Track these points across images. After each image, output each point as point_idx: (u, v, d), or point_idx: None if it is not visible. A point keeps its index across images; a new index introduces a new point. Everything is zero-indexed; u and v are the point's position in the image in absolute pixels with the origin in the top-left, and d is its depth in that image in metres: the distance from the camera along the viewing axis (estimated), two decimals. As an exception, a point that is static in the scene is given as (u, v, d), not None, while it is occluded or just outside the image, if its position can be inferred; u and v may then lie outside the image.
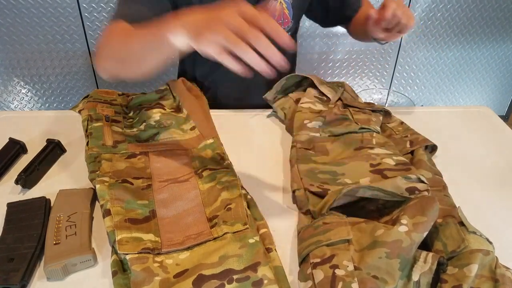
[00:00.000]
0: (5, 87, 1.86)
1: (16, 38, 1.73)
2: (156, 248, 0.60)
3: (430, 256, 0.55)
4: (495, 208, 0.73)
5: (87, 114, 0.87)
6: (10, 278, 0.56)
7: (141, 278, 0.55)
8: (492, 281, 0.53)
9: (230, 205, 0.67)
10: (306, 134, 0.83)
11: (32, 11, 1.67)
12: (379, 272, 0.54)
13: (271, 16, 0.88)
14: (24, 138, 0.84)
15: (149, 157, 0.79)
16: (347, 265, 0.56)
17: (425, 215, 0.58)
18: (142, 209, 0.67)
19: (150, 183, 0.73)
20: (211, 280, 0.55)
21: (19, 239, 0.62)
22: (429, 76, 2.12)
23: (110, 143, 0.80)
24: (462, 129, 0.96)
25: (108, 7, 1.69)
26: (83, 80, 1.89)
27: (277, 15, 0.92)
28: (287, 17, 0.94)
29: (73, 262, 0.58)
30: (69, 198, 0.69)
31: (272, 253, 0.61)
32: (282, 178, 0.79)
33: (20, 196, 0.72)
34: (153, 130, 0.86)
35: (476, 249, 0.55)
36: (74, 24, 1.72)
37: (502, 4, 1.91)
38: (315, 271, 0.56)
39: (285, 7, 0.92)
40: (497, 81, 2.19)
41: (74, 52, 1.80)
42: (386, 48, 1.99)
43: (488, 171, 0.82)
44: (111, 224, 0.62)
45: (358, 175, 0.72)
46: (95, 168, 0.74)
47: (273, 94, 0.96)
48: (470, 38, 2.01)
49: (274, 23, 0.53)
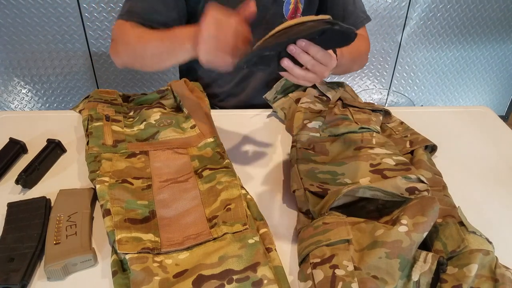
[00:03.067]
0: (5, 87, 1.86)
1: (16, 38, 1.73)
2: (155, 248, 0.60)
3: (430, 256, 0.55)
4: (495, 208, 0.73)
5: (88, 114, 0.87)
6: (10, 278, 0.56)
7: (140, 278, 0.55)
8: (492, 281, 0.53)
9: (230, 206, 0.67)
10: (306, 134, 0.83)
11: (32, 11, 1.67)
12: (379, 272, 0.54)
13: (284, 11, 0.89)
14: (24, 138, 0.84)
15: (149, 156, 0.79)
16: (347, 265, 0.56)
17: (425, 215, 0.58)
18: (142, 209, 0.67)
19: (150, 183, 0.73)
20: (210, 280, 0.55)
21: (19, 239, 0.62)
22: (429, 76, 2.12)
23: (110, 143, 0.80)
24: (462, 129, 0.96)
25: (108, 7, 1.70)
26: (83, 80, 1.89)
27: (291, 9, 0.92)
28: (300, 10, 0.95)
29: (73, 262, 0.58)
30: (69, 198, 0.69)
31: (272, 252, 0.61)
32: (282, 178, 0.79)
33: (21, 196, 0.73)
34: (153, 129, 0.86)
35: (476, 249, 0.55)
36: (74, 24, 1.72)
37: (502, 4, 1.91)
38: (315, 271, 0.56)
39: (299, 1, 0.93)
40: (497, 81, 2.19)
41: (74, 52, 1.80)
42: (386, 48, 1.99)
43: (488, 171, 0.82)
44: (111, 224, 0.62)
45: (358, 175, 0.72)
46: (95, 168, 0.74)
47: (273, 94, 0.96)
48: (470, 38, 2.01)
49: None
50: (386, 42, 1.97)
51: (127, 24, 0.80)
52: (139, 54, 0.77)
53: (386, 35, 1.95)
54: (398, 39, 1.97)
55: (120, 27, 0.80)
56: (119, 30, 0.80)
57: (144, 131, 0.86)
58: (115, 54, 0.82)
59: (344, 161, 0.76)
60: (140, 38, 0.75)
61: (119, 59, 0.81)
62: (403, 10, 1.88)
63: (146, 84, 1.95)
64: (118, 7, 1.70)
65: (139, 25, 0.80)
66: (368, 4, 1.84)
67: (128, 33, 0.77)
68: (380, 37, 1.95)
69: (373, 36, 1.93)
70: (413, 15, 1.90)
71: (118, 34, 0.80)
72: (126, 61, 0.80)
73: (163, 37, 0.71)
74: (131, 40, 0.77)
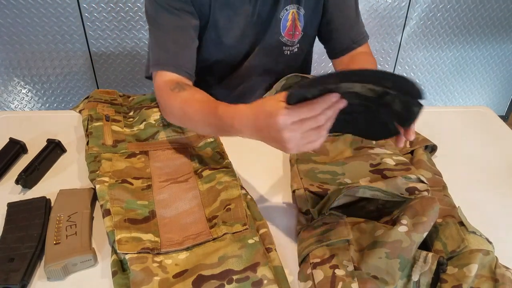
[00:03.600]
0: (5, 87, 1.86)
1: (16, 38, 1.73)
2: (155, 248, 0.60)
3: (430, 256, 0.55)
4: (495, 208, 0.73)
5: (88, 114, 0.87)
6: (10, 278, 0.56)
7: (140, 278, 0.55)
8: (492, 281, 0.53)
9: (230, 206, 0.67)
10: (306, 134, 0.83)
11: (32, 11, 1.67)
12: (379, 272, 0.54)
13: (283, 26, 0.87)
14: (24, 138, 0.84)
15: (149, 156, 0.79)
16: (347, 265, 0.56)
17: (425, 215, 0.58)
18: (141, 209, 0.67)
19: (150, 183, 0.73)
20: (210, 280, 0.55)
21: (19, 239, 0.62)
22: (429, 76, 2.12)
23: (110, 143, 0.80)
24: (462, 129, 0.96)
25: (108, 7, 1.70)
26: (83, 80, 1.89)
27: (288, 26, 0.90)
28: (298, 29, 0.92)
29: (73, 262, 0.58)
30: (69, 198, 0.69)
31: (272, 253, 0.60)
32: (282, 178, 0.79)
33: (21, 196, 0.72)
34: (153, 129, 0.86)
35: (476, 249, 0.55)
36: (74, 24, 1.72)
37: (502, 4, 1.91)
38: (315, 271, 0.56)
39: (297, 18, 0.90)
40: (497, 81, 2.19)
41: (74, 52, 1.80)
42: (386, 48, 1.99)
43: (488, 171, 0.82)
44: (110, 224, 0.62)
45: (358, 175, 0.72)
46: (95, 168, 0.74)
47: (273, 94, 0.96)
48: (470, 38, 2.01)
49: None
50: (386, 42, 1.97)
51: (166, 87, 0.78)
52: (188, 127, 0.83)
53: (386, 35, 1.95)
54: (398, 39, 1.96)
55: (161, 90, 0.80)
56: (161, 93, 0.80)
57: (144, 131, 0.86)
58: (164, 115, 0.83)
59: (344, 161, 0.76)
60: (185, 114, 0.74)
61: (170, 120, 0.83)
62: (403, 10, 1.88)
63: (146, 84, 1.95)
64: (118, 7, 1.70)
65: (174, 76, 0.80)
66: (368, 4, 1.84)
67: (171, 103, 0.77)
68: (380, 37, 1.95)
69: (373, 36, 1.93)
70: (413, 15, 1.90)
71: (161, 100, 0.80)
72: (173, 122, 0.83)
73: (210, 123, 0.69)
74: (175, 113, 0.77)
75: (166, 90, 0.78)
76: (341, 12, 0.90)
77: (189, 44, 0.83)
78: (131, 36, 1.79)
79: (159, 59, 0.82)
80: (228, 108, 0.65)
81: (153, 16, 0.82)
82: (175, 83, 0.78)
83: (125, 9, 1.72)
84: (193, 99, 0.74)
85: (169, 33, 0.81)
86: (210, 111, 0.68)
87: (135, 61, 1.86)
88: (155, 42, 0.83)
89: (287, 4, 0.86)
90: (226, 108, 0.66)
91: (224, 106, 0.67)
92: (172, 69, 0.80)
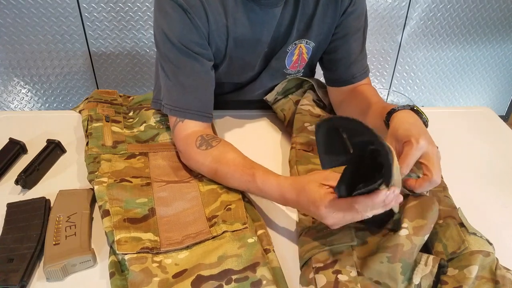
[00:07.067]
0: (5, 87, 1.86)
1: (16, 38, 1.73)
2: (155, 247, 0.60)
3: (431, 258, 0.55)
4: (496, 209, 0.73)
5: (87, 114, 0.87)
6: (9, 278, 0.56)
7: (139, 279, 0.55)
8: (492, 282, 0.53)
9: (230, 206, 0.67)
10: (306, 136, 0.83)
11: (32, 11, 1.67)
12: (381, 277, 0.54)
13: (288, 61, 0.86)
14: (24, 138, 0.83)
15: (149, 158, 0.79)
16: (350, 271, 0.55)
17: (425, 217, 0.58)
18: (141, 207, 0.67)
19: (149, 181, 0.73)
20: (209, 281, 0.55)
21: (19, 239, 0.62)
22: (429, 76, 2.12)
23: (109, 144, 0.80)
24: (462, 129, 0.96)
25: (108, 7, 1.69)
26: (83, 80, 1.89)
27: (294, 60, 0.89)
28: (304, 60, 0.90)
29: (72, 262, 0.58)
30: (69, 199, 0.68)
31: (270, 254, 0.60)
32: (282, 178, 0.79)
33: (20, 196, 0.72)
34: (153, 131, 0.85)
35: (476, 251, 0.55)
36: (74, 24, 1.72)
37: (502, 4, 1.91)
38: (317, 276, 0.56)
39: (305, 52, 0.88)
40: (497, 81, 2.19)
41: (74, 52, 1.80)
42: (386, 48, 1.99)
43: (489, 172, 0.82)
44: (109, 224, 0.62)
45: (358, 176, 0.72)
46: (94, 169, 0.74)
47: (273, 96, 0.96)
48: (470, 38, 2.01)
49: None
50: (386, 42, 1.97)
51: (191, 142, 0.75)
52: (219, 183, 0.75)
53: (386, 35, 1.95)
54: (398, 39, 1.96)
55: (186, 144, 0.76)
56: (184, 148, 0.76)
57: (144, 132, 0.85)
58: (188, 165, 0.78)
59: (344, 161, 0.76)
60: (216, 174, 0.72)
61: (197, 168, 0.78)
62: (403, 10, 1.88)
63: (146, 84, 1.95)
64: (118, 7, 1.70)
65: (197, 127, 0.77)
66: (368, 4, 1.84)
67: (198, 160, 0.73)
68: (380, 37, 1.95)
69: (373, 36, 1.93)
70: (413, 15, 1.90)
71: (185, 154, 0.76)
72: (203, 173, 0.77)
73: (247, 188, 0.68)
74: (205, 171, 0.74)
75: (191, 146, 0.74)
76: (347, 45, 0.87)
77: (209, 88, 0.80)
78: (131, 36, 1.79)
79: (179, 102, 0.77)
80: (267, 179, 0.65)
81: (169, 56, 0.76)
82: (201, 139, 0.74)
83: (125, 9, 1.71)
84: (226, 161, 0.71)
85: (189, 76, 0.77)
86: (247, 179, 0.67)
87: (135, 61, 1.86)
88: (173, 83, 0.78)
89: (297, 38, 0.84)
90: (265, 177, 0.66)
91: (262, 174, 0.66)
92: (195, 117, 0.77)
